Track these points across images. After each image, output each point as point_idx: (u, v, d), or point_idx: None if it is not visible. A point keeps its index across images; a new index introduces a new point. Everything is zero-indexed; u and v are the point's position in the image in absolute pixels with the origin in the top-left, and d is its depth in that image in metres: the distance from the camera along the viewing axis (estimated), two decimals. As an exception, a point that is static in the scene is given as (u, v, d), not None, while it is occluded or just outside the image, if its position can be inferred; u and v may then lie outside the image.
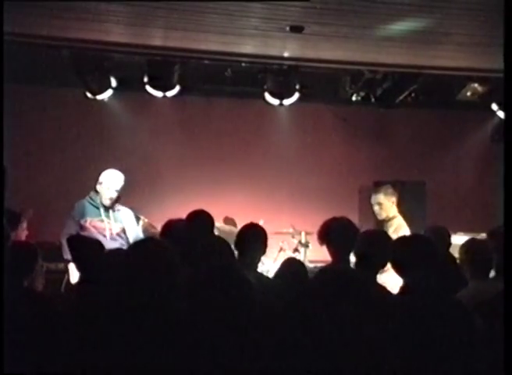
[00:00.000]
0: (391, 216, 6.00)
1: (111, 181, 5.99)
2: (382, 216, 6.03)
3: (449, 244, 4.88)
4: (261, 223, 4.65)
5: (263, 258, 6.46)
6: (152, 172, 8.05)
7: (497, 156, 7.06)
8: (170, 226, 4.42)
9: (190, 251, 3.59)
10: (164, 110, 7.93)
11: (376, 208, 6.08)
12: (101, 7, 5.20)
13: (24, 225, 6.07)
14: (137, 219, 6.38)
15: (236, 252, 4.11)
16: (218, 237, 4.46)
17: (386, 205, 6.04)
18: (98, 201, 6.02)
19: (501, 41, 3.57)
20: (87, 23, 5.71)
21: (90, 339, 2.58)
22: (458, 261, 4.24)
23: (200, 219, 4.56)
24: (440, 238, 4.61)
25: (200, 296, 2.59)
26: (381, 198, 6.06)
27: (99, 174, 6.10)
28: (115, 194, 6.00)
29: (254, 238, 4.19)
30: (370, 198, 6.27)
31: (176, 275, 2.72)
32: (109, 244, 5.67)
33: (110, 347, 2.50)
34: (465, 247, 4.19)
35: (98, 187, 6.03)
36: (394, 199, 6.09)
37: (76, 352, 2.58)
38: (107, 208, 6.02)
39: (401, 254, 3.40)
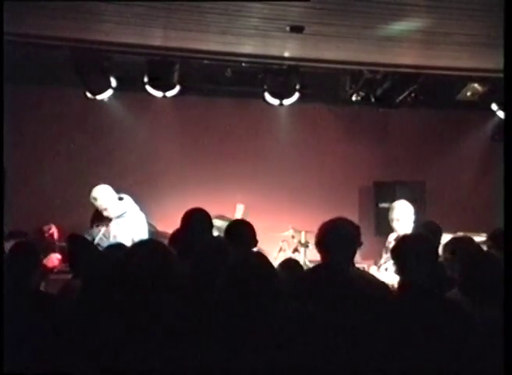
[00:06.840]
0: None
1: (99, 199, 5.92)
2: (401, 232, 5.83)
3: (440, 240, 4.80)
4: (240, 207, 4.51)
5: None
6: (152, 171, 8.05)
7: (497, 156, 7.05)
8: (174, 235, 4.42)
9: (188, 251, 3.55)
10: (164, 110, 7.93)
11: (395, 223, 5.96)
12: (101, 7, 5.20)
13: None
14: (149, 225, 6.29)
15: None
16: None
17: (404, 222, 5.93)
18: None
19: (501, 41, 3.58)
20: (87, 23, 5.71)
21: (83, 338, 2.58)
22: (443, 260, 4.10)
23: (197, 219, 4.45)
24: (434, 235, 4.56)
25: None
26: (399, 213, 5.96)
27: (99, 174, 6.11)
28: (109, 207, 5.90)
29: (240, 234, 4.21)
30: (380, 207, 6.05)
31: (175, 276, 2.73)
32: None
33: (105, 346, 2.50)
34: (451, 246, 4.11)
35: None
36: (412, 216, 5.97)
37: (73, 352, 2.59)
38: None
39: (401, 252, 3.38)
